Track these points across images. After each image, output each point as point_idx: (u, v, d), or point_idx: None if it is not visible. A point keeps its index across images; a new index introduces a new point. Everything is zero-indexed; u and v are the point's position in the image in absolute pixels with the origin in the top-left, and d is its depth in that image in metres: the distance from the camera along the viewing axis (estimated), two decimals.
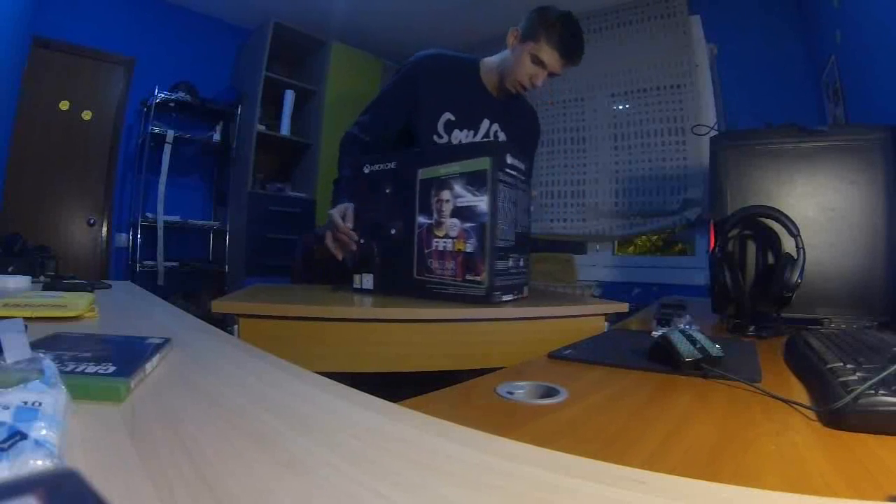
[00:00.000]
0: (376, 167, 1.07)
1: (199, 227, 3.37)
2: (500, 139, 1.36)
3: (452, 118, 1.31)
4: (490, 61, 1.35)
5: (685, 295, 1.72)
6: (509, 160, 0.97)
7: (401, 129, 1.34)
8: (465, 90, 1.34)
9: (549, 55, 1.22)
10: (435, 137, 1.32)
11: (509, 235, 0.99)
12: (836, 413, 0.41)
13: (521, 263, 1.05)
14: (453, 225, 0.96)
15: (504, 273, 0.97)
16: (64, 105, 2.96)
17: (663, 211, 2.72)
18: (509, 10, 3.39)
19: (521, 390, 0.53)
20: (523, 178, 1.05)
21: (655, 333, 0.66)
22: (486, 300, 0.93)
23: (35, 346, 0.37)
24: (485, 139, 1.34)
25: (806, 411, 0.45)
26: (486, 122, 1.35)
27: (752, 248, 1.06)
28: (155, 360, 0.42)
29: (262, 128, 3.27)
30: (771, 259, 1.02)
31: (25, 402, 0.25)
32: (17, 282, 1.02)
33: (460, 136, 1.33)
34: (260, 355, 0.50)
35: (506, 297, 0.99)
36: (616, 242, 3.07)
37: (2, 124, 2.46)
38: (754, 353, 0.72)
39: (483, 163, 0.93)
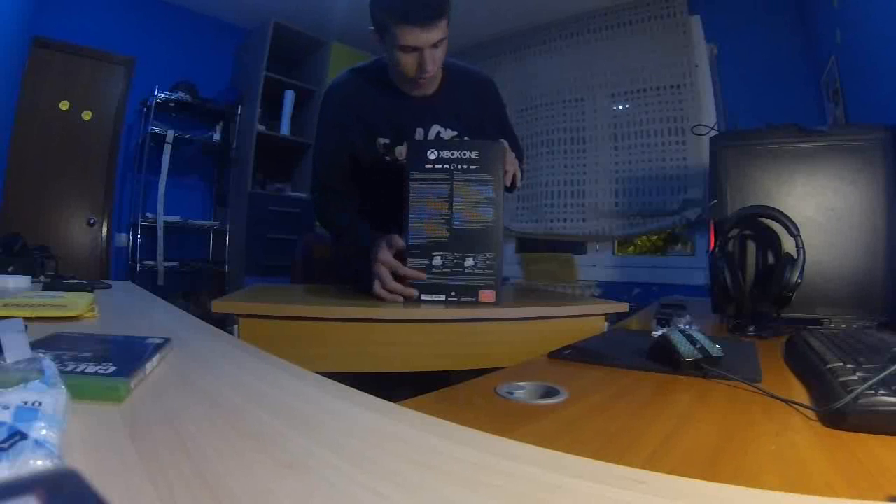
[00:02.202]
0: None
1: (199, 227, 3.37)
2: (446, 139, 1.23)
3: (387, 141, 1.19)
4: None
5: (685, 295, 1.72)
6: (432, 155, 0.96)
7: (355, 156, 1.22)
8: (386, 106, 1.18)
9: (411, 35, 1.01)
10: (387, 159, 1.21)
11: (429, 233, 0.96)
12: (836, 413, 0.41)
13: (471, 262, 0.95)
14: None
15: (424, 272, 0.95)
16: (64, 105, 2.96)
17: (663, 211, 2.72)
18: (508, 12, 3.40)
19: (521, 390, 0.53)
20: (474, 167, 0.96)
21: (655, 333, 0.66)
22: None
23: (35, 346, 0.37)
24: None
25: (806, 411, 0.45)
26: (420, 132, 1.20)
27: (752, 248, 1.06)
28: (155, 360, 0.42)
29: (262, 128, 3.27)
30: (771, 259, 1.02)
31: (25, 402, 0.25)
32: (17, 282, 1.02)
33: (403, 151, 1.15)
34: (260, 355, 0.50)
35: (429, 297, 0.95)
36: (616, 242, 3.07)
37: (2, 124, 2.46)
38: (754, 353, 0.72)
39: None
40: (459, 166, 0.96)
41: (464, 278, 0.95)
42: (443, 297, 0.95)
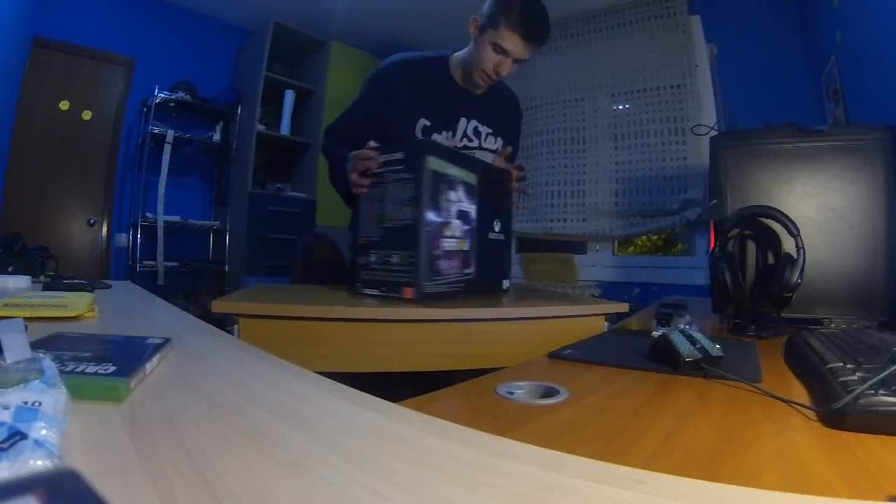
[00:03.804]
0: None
1: (199, 227, 3.37)
2: (481, 134, 1.34)
3: (428, 123, 1.27)
4: (458, 56, 1.31)
5: (685, 295, 1.72)
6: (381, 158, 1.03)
7: (380, 135, 1.30)
8: (437, 92, 1.29)
9: (511, 40, 1.15)
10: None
11: (367, 231, 1.03)
12: (836, 413, 0.41)
13: (396, 259, 0.99)
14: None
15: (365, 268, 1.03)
16: (64, 105, 2.96)
17: (663, 211, 2.72)
18: None
19: (521, 390, 0.53)
20: (399, 167, 1.00)
21: (655, 333, 0.66)
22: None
23: (35, 346, 0.37)
24: (464, 139, 1.32)
25: (806, 411, 0.45)
26: (463, 121, 1.31)
27: (752, 248, 1.06)
28: (155, 360, 0.42)
29: (262, 128, 3.27)
30: (771, 259, 1.02)
31: (25, 402, 0.25)
32: (17, 282, 1.02)
33: (440, 140, 1.29)
34: (260, 355, 0.50)
35: (369, 291, 1.03)
36: (616, 242, 3.07)
37: (2, 124, 2.46)
38: (754, 353, 0.72)
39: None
40: (390, 167, 0.99)
41: (391, 275, 0.97)
42: (376, 292, 1.00)
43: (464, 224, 1.04)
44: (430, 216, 0.95)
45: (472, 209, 1.07)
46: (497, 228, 1.15)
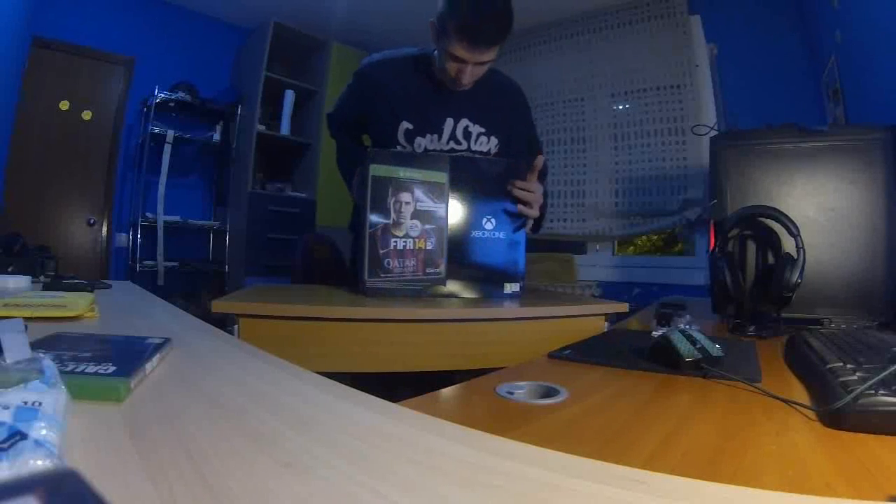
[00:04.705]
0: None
1: (199, 227, 3.37)
2: (472, 135, 1.26)
3: (410, 126, 1.22)
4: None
5: (685, 295, 1.71)
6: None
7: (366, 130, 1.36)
8: (419, 93, 1.22)
9: (460, 49, 1.06)
10: (398, 148, 1.24)
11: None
12: (836, 413, 0.41)
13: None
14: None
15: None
16: (64, 105, 2.96)
17: (663, 211, 2.72)
18: None
19: (521, 390, 0.53)
20: None
21: (655, 333, 0.66)
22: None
23: (35, 346, 0.37)
24: (451, 142, 1.25)
25: (806, 411, 0.45)
26: (449, 122, 1.23)
27: (752, 248, 1.06)
28: (155, 360, 0.42)
29: (262, 128, 3.27)
30: (771, 259, 1.02)
31: (25, 402, 0.25)
32: (17, 282, 1.02)
33: (423, 143, 1.23)
34: (260, 355, 0.50)
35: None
36: (616, 242, 3.07)
37: (2, 124, 2.46)
38: (754, 353, 0.72)
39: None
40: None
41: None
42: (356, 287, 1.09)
43: (424, 224, 1.03)
44: (375, 218, 1.00)
45: (438, 208, 1.05)
46: (489, 226, 1.10)
